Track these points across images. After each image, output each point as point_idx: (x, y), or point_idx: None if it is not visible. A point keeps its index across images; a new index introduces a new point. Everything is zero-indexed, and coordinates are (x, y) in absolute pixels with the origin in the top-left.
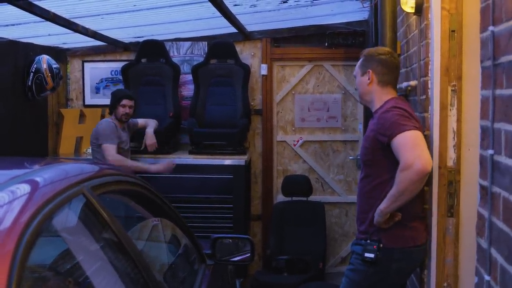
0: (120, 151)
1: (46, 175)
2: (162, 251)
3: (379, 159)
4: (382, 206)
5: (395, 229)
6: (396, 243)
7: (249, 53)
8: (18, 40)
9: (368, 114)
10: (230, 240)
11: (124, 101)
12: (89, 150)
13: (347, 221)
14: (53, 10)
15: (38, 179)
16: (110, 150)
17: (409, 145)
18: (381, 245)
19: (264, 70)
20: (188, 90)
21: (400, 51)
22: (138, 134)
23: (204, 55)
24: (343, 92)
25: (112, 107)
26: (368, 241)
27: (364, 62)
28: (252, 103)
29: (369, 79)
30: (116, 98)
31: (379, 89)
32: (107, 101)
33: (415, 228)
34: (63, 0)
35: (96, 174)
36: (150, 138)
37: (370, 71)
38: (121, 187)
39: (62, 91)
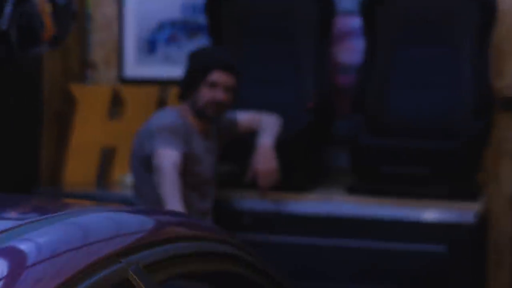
0: (188, 176)
1: (43, 238)
2: None
3: None
4: None
5: None
6: None
7: None
8: None
9: None
10: None
11: (215, 75)
12: (129, 178)
13: None
14: None
15: (24, 247)
16: (165, 158)
17: None
18: None
19: None
20: (351, 52)
21: None
22: (239, 144)
23: None
24: None
25: (188, 86)
26: None
27: None
28: (497, 85)
29: None
30: (199, 68)
31: None
32: (174, 71)
33: None
34: None
35: (151, 238)
36: (264, 160)
37: None
38: (204, 266)
39: (75, 47)
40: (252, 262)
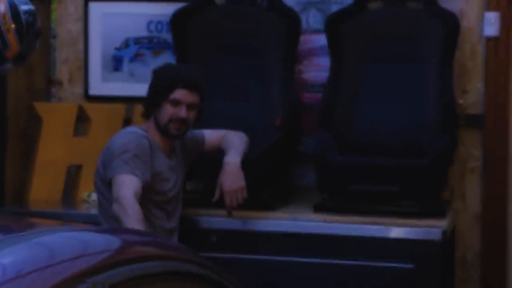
0: (153, 194)
1: (7, 258)
2: None
3: None
4: None
5: None
6: None
7: None
8: None
9: None
10: None
11: (179, 93)
12: (94, 196)
13: None
14: None
15: None
16: (124, 185)
17: None
18: None
19: (491, 25)
20: (317, 69)
21: None
22: (205, 162)
23: None
24: None
25: (152, 104)
26: None
27: None
28: (461, 101)
29: None
30: (162, 85)
31: None
32: (139, 88)
33: None
34: None
35: (116, 258)
36: (231, 179)
37: None
38: (173, 286)
39: (40, 65)
40: (219, 281)
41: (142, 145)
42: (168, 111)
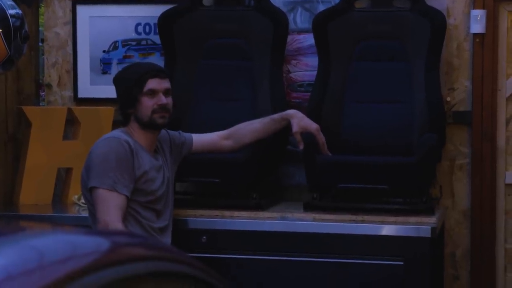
0: (141, 195)
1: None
2: None
3: None
4: None
5: None
6: None
7: None
8: None
9: None
10: None
11: (151, 83)
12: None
13: None
14: None
15: None
16: (110, 206)
17: None
18: None
19: (478, 23)
20: (305, 68)
21: None
22: (193, 164)
23: None
24: None
25: (127, 105)
26: None
27: None
28: (448, 98)
29: None
30: (131, 82)
31: None
32: None
33: None
34: None
35: (107, 259)
36: (310, 121)
37: None
38: (158, 286)
39: (28, 68)
40: (209, 281)
41: (122, 152)
42: (147, 103)
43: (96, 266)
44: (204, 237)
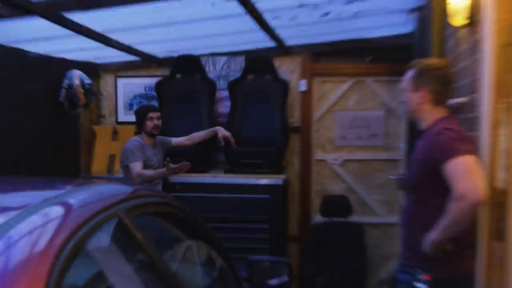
0: (147, 167)
1: (80, 196)
2: (197, 273)
3: (430, 185)
4: (433, 235)
5: (447, 258)
6: (447, 273)
7: (287, 68)
8: (49, 54)
9: (412, 131)
10: (267, 263)
11: (151, 114)
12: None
13: (387, 242)
14: (86, 24)
15: (72, 201)
16: (134, 168)
17: (463, 173)
18: (432, 275)
19: (303, 86)
20: (224, 107)
21: None
22: (174, 152)
23: (241, 70)
24: (385, 109)
25: (140, 124)
26: (417, 269)
27: (417, 77)
28: (290, 120)
29: (422, 98)
30: (142, 113)
31: (431, 108)
32: None
33: (468, 257)
34: (95, 13)
35: (130, 196)
36: (224, 131)
37: (425, 89)
38: (155, 209)
39: (95, 108)
40: (180, 207)
41: (139, 146)
42: (149, 124)
43: (127, 198)
44: (178, 186)
